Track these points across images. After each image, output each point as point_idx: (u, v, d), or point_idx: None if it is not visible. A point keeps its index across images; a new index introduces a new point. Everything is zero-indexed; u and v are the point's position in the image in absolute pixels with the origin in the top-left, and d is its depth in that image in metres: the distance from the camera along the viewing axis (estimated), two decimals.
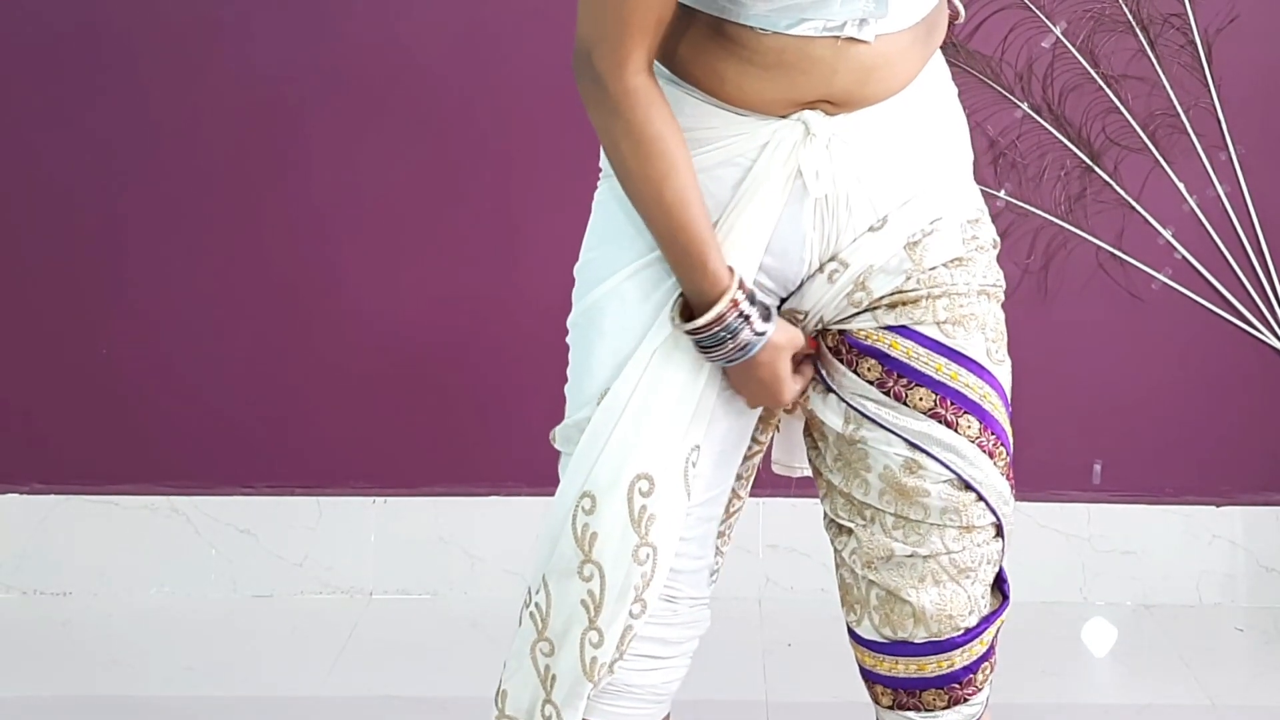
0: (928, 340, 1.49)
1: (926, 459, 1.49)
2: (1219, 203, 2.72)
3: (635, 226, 1.46)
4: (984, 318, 1.52)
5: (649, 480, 1.46)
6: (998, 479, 1.52)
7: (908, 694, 1.57)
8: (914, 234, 1.48)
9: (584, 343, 1.50)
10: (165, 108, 2.75)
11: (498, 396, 2.82)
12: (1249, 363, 2.77)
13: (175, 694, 2.52)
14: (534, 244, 2.77)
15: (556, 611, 1.49)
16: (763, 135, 1.42)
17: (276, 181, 2.78)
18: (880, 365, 1.50)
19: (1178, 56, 2.68)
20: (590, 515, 1.46)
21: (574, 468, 1.48)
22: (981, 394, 1.50)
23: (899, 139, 1.46)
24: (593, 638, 1.48)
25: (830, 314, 1.51)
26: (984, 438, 1.50)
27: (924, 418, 1.49)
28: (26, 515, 2.86)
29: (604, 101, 1.39)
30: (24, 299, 2.82)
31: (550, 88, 2.66)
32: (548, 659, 1.50)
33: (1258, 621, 2.78)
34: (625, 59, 1.37)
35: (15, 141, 2.77)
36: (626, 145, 1.39)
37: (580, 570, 1.47)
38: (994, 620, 1.56)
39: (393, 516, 2.87)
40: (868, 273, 1.48)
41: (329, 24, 2.72)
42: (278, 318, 2.81)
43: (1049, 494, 2.82)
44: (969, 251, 1.52)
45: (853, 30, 1.38)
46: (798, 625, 2.70)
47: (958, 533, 1.51)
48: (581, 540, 1.46)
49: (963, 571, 1.52)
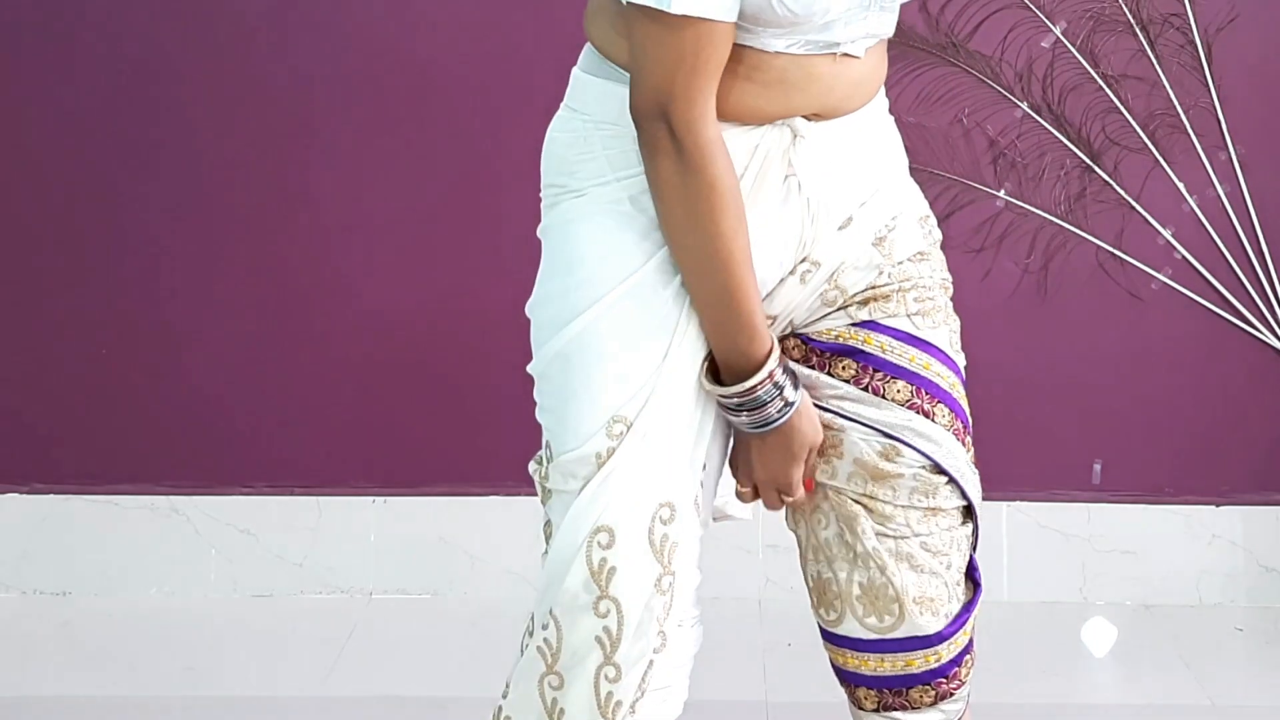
0: (899, 333, 1.51)
1: (903, 446, 1.50)
2: (1219, 203, 2.72)
3: (609, 246, 1.43)
4: (946, 310, 1.55)
5: (670, 507, 1.43)
6: (967, 465, 1.53)
7: (894, 693, 1.56)
8: (879, 230, 1.50)
9: (578, 373, 1.44)
10: (165, 108, 2.75)
11: (497, 396, 2.82)
12: (1249, 363, 2.77)
13: (175, 694, 2.52)
14: (535, 245, 2.76)
15: (567, 646, 1.44)
16: (751, 139, 1.42)
17: (277, 182, 2.77)
18: (855, 362, 1.50)
19: (1178, 56, 2.68)
20: (608, 550, 1.41)
21: (583, 502, 1.42)
22: (950, 383, 1.53)
23: (861, 146, 1.49)
24: (609, 673, 1.43)
25: (801, 316, 1.51)
26: (955, 425, 1.52)
27: (902, 409, 1.49)
28: (26, 515, 2.86)
29: (681, 156, 1.35)
30: (24, 299, 2.82)
31: (553, 88, 2.66)
32: (556, 692, 1.45)
33: (1258, 621, 2.78)
34: (704, 111, 1.35)
35: (15, 142, 2.77)
36: (702, 200, 1.36)
37: (595, 606, 1.42)
38: (972, 610, 1.56)
39: (393, 516, 2.87)
40: (840, 270, 1.49)
41: (330, 24, 2.72)
42: (278, 318, 2.81)
43: (1049, 494, 2.82)
44: (928, 246, 1.55)
45: (849, 46, 1.41)
46: (798, 625, 2.68)
47: (923, 514, 1.51)
48: (598, 576, 1.41)
49: (934, 554, 1.52)
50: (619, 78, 1.43)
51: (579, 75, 1.50)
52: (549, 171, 1.51)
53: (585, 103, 1.48)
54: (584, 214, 1.46)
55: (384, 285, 2.80)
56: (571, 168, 1.47)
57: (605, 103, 1.44)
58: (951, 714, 1.57)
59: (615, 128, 1.43)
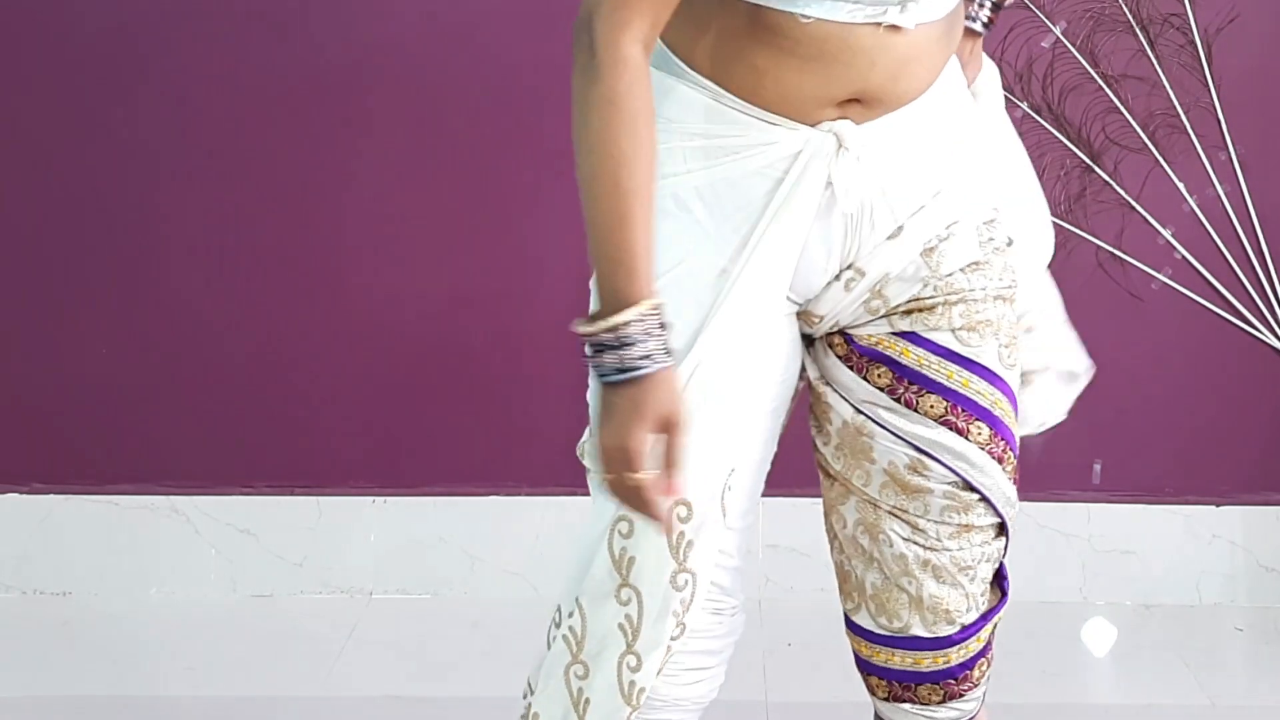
0: (940, 348, 1.49)
1: (931, 462, 1.49)
2: (1219, 203, 2.72)
3: (657, 239, 1.39)
4: (998, 323, 1.51)
5: (687, 507, 1.43)
6: (1005, 483, 1.52)
7: (903, 687, 1.57)
8: (930, 240, 1.47)
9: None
10: (165, 108, 2.75)
11: (498, 396, 2.82)
12: (1249, 363, 2.77)
13: (175, 694, 2.52)
14: (535, 244, 2.77)
15: (591, 634, 1.46)
16: (794, 144, 1.40)
17: (277, 182, 2.77)
18: (891, 372, 1.49)
19: (1178, 56, 2.68)
20: (628, 539, 1.43)
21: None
22: (992, 400, 1.50)
23: (920, 146, 1.45)
24: (630, 661, 1.45)
25: (846, 319, 1.50)
26: (993, 444, 1.50)
27: (935, 425, 1.48)
28: (26, 515, 2.86)
29: (590, 67, 1.32)
30: (24, 299, 2.82)
31: (555, 87, 2.66)
32: (581, 682, 1.47)
33: (1258, 621, 2.78)
34: (625, 25, 1.31)
35: (15, 142, 2.77)
36: (598, 115, 1.31)
37: (617, 594, 1.44)
38: (992, 617, 1.56)
39: (393, 516, 2.87)
40: (884, 281, 1.47)
41: (330, 24, 2.72)
42: (278, 318, 2.81)
43: (1049, 494, 2.81)
44: (986, 254, 1.51)
45: (895, 16, 1.35)
46: (798, 625, 2.70)
47: (956, 530, 1.51)
48: (619, 564, 1.44)
49: (962, 569, 1.52)
50: (672, 70, 1.43)
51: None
52: None
53: None
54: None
55: (385, 286, 2.80)
56: None
57: (660, 97, 1.41)
58: (964, 713, 1.57)
59: (664, 121, 1.41)
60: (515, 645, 2.64)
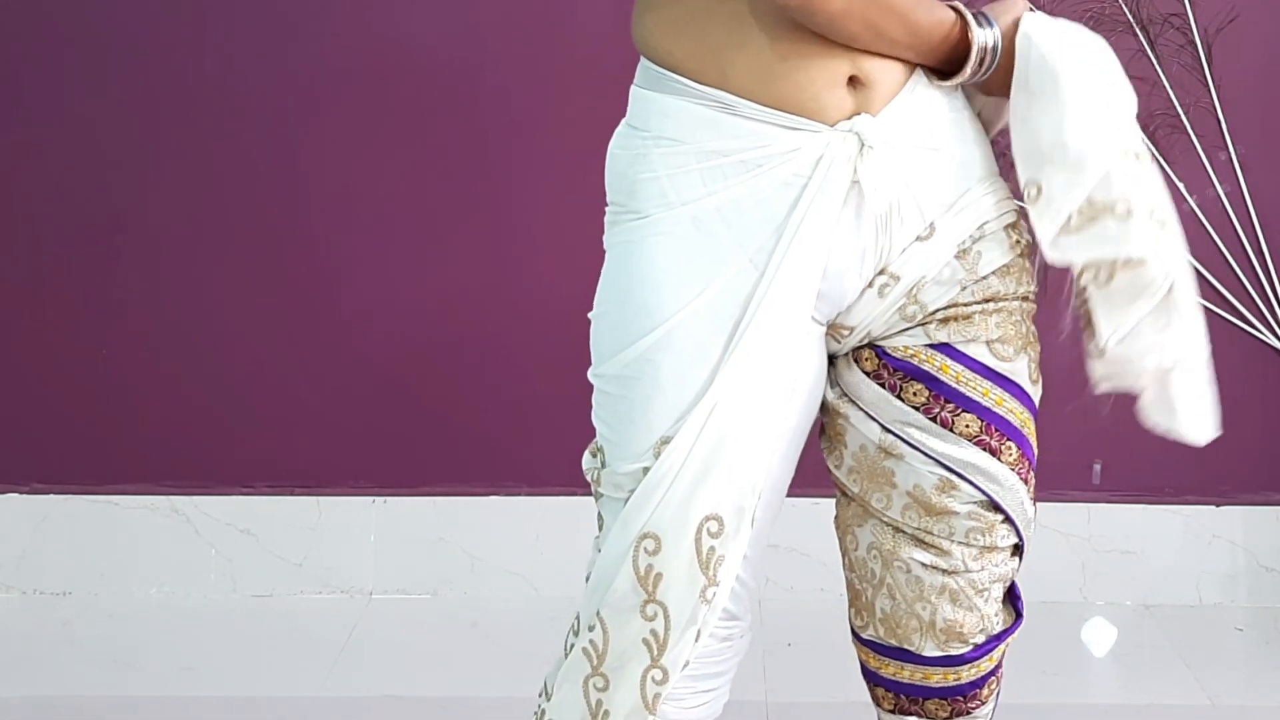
0: (975, 364, 1.47)
1: (961, 481, 1.47)
2: (1219, 203, 2.72)
3: (667, 273, 1.39)
4: (1028, 335, 1.51)
5: (718, 521, 1.41)
6: (1029, 504, 1.51)
7: (910, 700, 1.55)
8: (963, 241, 1.45)
9: (636, 396, 1.42)
10: (165, 108, 2.75)
11: (497, 396, 2.82)
12: (1249, 363, 2.77)
13: (175, 694, 2.52)
14: (535, 245, 2.77)
15: (614, 649, 1.44)
16: (817, 149, 1.37)
17: (276, 183, 2.77)
18: (927, 390, 1.46)
19: (1178, 56, 2.68)
20: (654, 556, 1.41)
21: (631, 510, 1.41)
22: (1022, 420, 1.49)
23: (938, 141, 1.44)
24: (656, 675, 1.43)
25: (879, 329, 1.47)
26: (1020, 465, 1.49)
27: (969, 445, 1.46)
28: (26, 515, 2.86)
29: None
30: (24, 299, 2.82)
31: (553, 87, 2.66)
32: (601, 694, 1.45)
33: (1258, 621, 2.78)
34: None
35: (15, 142, 2.77)
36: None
37: (643, 610, 1.42)
38: (1005, 638, 1.55)
39: (393, 516, 2.87)
40: (919, 285, 1.44)
41: (329, 24, 2.72)
42: (277, 318, 2.81)
43: (1049, 494, 2.80)
44: (1012, 258, 1.49)
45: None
46: (798, 625, 2.70)
47: (979, 552, 1.49)
48: (645, 580, 1.41)
49: (978, 591, 1.51)
50: (675, 89, 1.40)
51: (636, 91, 1.46)
52: (611, 188, 1.47)
53: (644, 119, 1.43)
54: (644, 237, 1.42)
55: (384, 286, 2.80)
56: (632, 187, 1.43)
57: (664, 118, 1.41)
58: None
59: (674, 144, 1.40)
60: (515, 645, 2.65)
